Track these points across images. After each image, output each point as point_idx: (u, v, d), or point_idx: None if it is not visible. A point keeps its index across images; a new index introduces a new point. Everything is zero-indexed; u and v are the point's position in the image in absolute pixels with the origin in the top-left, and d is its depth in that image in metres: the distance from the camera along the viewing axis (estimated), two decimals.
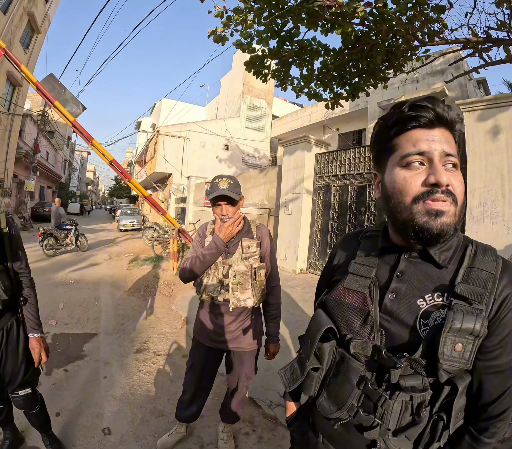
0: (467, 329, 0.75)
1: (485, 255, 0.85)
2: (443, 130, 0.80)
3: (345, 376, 0.89)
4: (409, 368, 0.81)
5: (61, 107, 6.84)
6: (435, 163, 0.77)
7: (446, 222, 0.76)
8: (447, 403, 0.80)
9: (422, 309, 0.84)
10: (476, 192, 3.93)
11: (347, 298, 0.94)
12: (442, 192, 0.76)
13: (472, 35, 4.19)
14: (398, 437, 0.83)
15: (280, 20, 4.36)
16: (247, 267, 2.06)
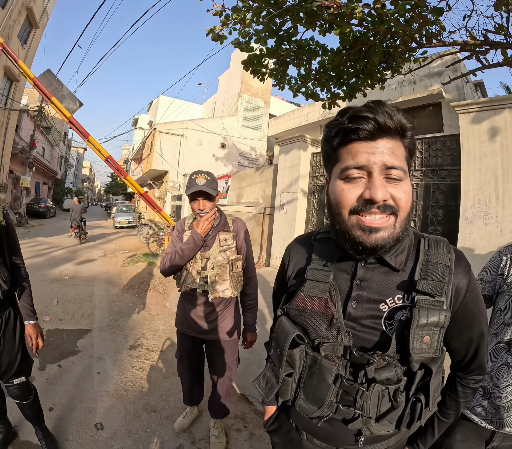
0: (432, 322, 0.79)
1: (438, 247, 0.88)
2: (387, 141, 0.78)
3: (319, 377, 0.90)
4: (381, 361, 0.85)
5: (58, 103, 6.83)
6: (373, 178, 0.77)
7: (382, 237, 0.78)
8: (423, 384, 0.86)
9: (385, 313, 0.87)
10: (470, 194, 3.95)
11: (308, 304, 0.95)
12: (378, 208, 0.77)
13: (470, 38, 4.20)
14: (380, 422, 0.88)
15: (278, 20, 4.36)
16: (225, 259, 2.14)
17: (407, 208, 0.79)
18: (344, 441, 0.96)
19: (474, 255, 3.84)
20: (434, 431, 1.05)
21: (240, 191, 9.93)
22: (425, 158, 4.76)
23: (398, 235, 0.80)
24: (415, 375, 0.84)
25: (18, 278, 2.06)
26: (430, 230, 4.62)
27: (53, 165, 32.50)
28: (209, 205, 2.13)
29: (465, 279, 0.86)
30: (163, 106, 25.27)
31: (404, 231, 0.82)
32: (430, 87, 9.47)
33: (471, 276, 0.88)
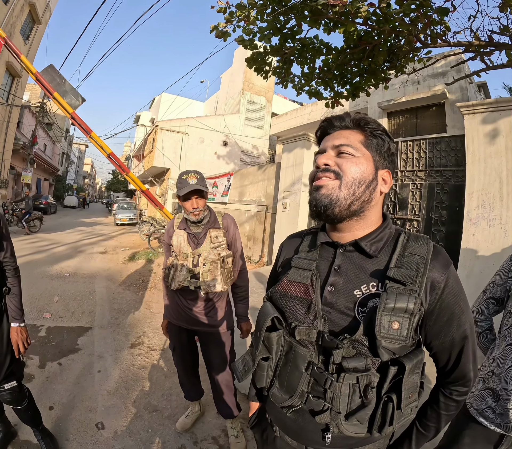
0: (400, 307, 0.81)
1: (417, 241, 0.92)
2: (339, 131, 0.96)
3: (293, 363, 0.93)
4: (351, 348, 0.86)
5: (60, 98, 6.79)
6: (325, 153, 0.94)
7: (324, 194, 0.89)
8: (397, 383, 0.85)
9: (359, 298, 0.90)
10: (474, 195, 3.94)
11: (290, 289, 1.00)
12: (321, 171, 0.91)
13: (474, 39, 4.18)
14: (350, 420, 0.87)
15: (282, 17, 4.35)
16: (216, 255, 2.20)
17: (351, 174, 0.88)
18: (312, 438, 0.96)
19: (477, 256, 3.83)
20: (411, 443, 1.03)
21: (242, 189, 9.91)
22: (429, 159, 4.74)
23: (347, 199, 0.88)
24: (388, 371, 0.84)
25: (9, 277, 1.99)
26: (433, 230, 4.61)
27: (54, 162, 32.50)
28: (202, 203, 2.18)
29: (443, 274, 0.88)
30: (165, 104, 25.23)
31: (357, 198, 0.89)
32: (434, 88, 9.44)
33: (450, 272, 0.89)
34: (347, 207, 0.89)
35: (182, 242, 2.23)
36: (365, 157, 0.91)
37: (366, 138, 0.93)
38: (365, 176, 0.90)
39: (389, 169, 0.96)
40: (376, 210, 0.96)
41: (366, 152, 0.92)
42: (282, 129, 16.49)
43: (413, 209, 4.89)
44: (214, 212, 2.36)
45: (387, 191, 0.97)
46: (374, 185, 0.92)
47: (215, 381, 2.39)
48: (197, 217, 2.19)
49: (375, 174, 0.92)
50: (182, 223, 2.30)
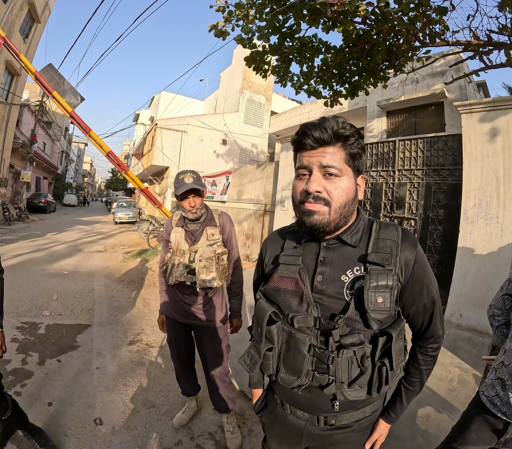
0: (382, 285, 0.96)
1: (388, 227, 1.07)
2: (324, 148, 0.98)
3: (295, 349, 1.05)
4: (345, 327, 1.00)
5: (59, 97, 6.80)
6: (313, 175, 0.99)
7: (317, 219, 0.98)
8: (386, 350, 1.01)
9: (346, 283, 1.03)
10: (471, 194, 3.95)
11: (282, 284, 1.11)
12: (313, 198, 0.98)
13: (473, 38, 4.18)
14: (352, 387, 1.02)
15: (281, 16, 4.35)
16: (212, 252, 2.26)
17: (339, 200, 0.98)
18: (322, 408, 1.10)
19: (474, 255, 3.85)
20: (402, 399, 1.20)
21: (241, 188, 9.93)
22: (426, 158, 4.76)
23: (335, 220, 0.99)
24: (378, 341, 0.99)
25: None
26: (431, 229, 4.63)
27: (53, 160, 32.44)
28: (199, 202, 2.24)
29: (412, 252, 1.03)
30: (164, 102, 25.20)
31: (343, 217, 1.01)
32: (433, 87, 9.44)
33: (418, 250, 1.05)
34: (336, 225, 1.01)
35: (179, 239, 2.28)
36: (348, 175, 1.00)
37: (346, 154, 1.00)
38: (349, 196, 1.01)
39: (362, 174, 1.07)
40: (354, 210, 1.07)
41: (349, 169, 1.00)
42: (282, 128, 16.46)
43: (410, 208, 4.90)
44: (211, 210, 2.40)
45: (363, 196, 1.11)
46: (356, 199, 1.04)
47: (210, 375, 2.43)
48: (194, 215, 2.23)
49: (355, 188, 1.03)
50: (180, 221, 2.35)
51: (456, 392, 2.87)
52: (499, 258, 3.70)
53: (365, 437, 1.20)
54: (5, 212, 14.68)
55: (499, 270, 3.68)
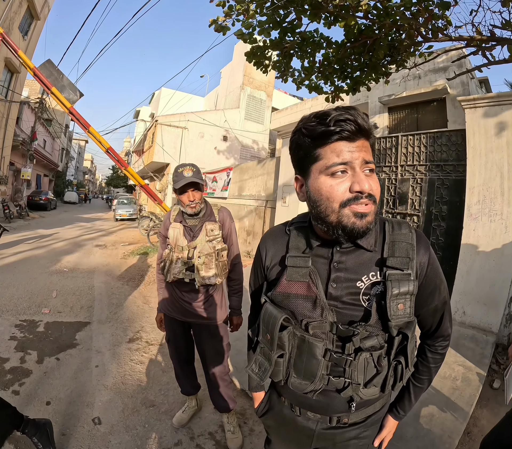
0: (404, 292, 0.93)
1: (401, 228, 1.02)
2: (363, 141, 0.89)
3: (309, 353, 1.00)
4: (364, 331, 0.97)
5: (58, 93, 6.77)
6: (357, 172, 0.87)
7: (370, 221, 0.90)
8: (402, 348, 1.00)
9: (362, 289, 0.99)
10: (475, 190, 3.91)
11: (292, 289, 1.04)
12: (366, 197, 0.88)
13: (476, 33, 4.14)
14: (368, 387, 1.00)
15: (282, 11, 4.30)
16: (211, 248, 2.22)
17: (379, 196, 0.93)
18: (337, 409, 1.07)
19: (478, 252, 3.81)
20: (411, 396, 1.19)
21: (242, 184, 9.88)
22: (430, 153, 4.71)
23: (376, 219, 0.94)
24: (394, 341, 0.97)
25: None
26: (434, 225, 4.59)
27: (54, 158, 32.41)
28: (198, 196, 2.19)
29: (426, 255, 1.00)
30: (164, 98, 25.13)
31: (377, 214, 0.96)
32: (435, 83, 9.38)
33: (431, 252, 1.02)
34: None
35: (178, 235, 2.24)
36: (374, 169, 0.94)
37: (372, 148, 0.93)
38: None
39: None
40: None
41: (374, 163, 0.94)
42: (283, 124, 16.42)
43: (413, 204, 4.86)
44: (210, 205, 2.36)
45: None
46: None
47: (209, 373, 2.40)
48: (193, 210, 2.19)
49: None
50: (178, 216, 2.30)
51: (460, 391, 2.84)
52: (503, 255, 3.66)
53: (376, 431, 1.20)
54: (5, 210, 14.67)
55: (503, 267, 3.65)
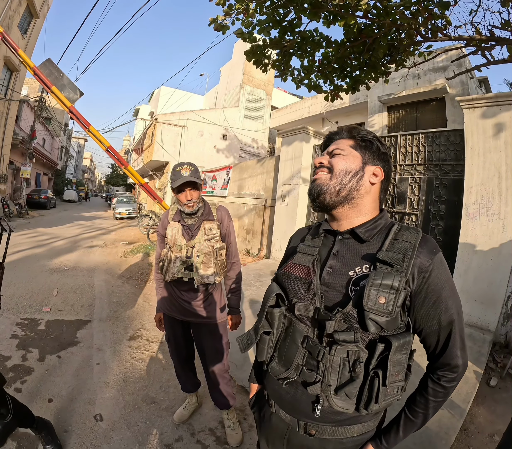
0: (386, 284, 0.91)
1: (408, 230, 1.03)
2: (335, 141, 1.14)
3: (291, 338, 1.05)
4: (343, 322, 0.96)
5: (58, 92, 6.78)
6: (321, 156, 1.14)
7: (317, 183, 1.08)
8: (385, 360, 0.93)
9: (353, 278, 1.01)
10: (473, 189, 3.93)
11: (294, 270, 1.14)
12: (317, 168, 1.12)
13: (475, 33, 4.16)
14: (339, 394, 0.96)
15: (282, 10, 4.32)
16: (209, 247, 2.24)
17: (338, 166, 1.06)
18: (303, 409, 1.05)
19: (475, 251, 3.84)
20: (399, 429, 1.05)
21: (241, 182, 9.89)
22: (428, 153, 4.73)
23: (334, 185, 1.05)
24: (376, 347, 0.93)
25: None
26: (432, 224, 4.60)
27: (53, 156, 32.36)
28: (196, 195, 2.19)
29: (430, 259, 0.96)
30: (164, 97, 25.12)
31: (342, 185, 1.05)
32: (434, 82, 9.40)
33: (437, 258, 0.97)
34: (336, 193, 1.05)
35: (176, 234, 2.24)
36: (352, 155, 1.08)
37: (355, 142, 1.10)
38: (352, 167, 1.06)
39: (380, 166, 1.09)
40: (368, 199, 1.09)
41: (354, 151, 1.09)
42: (282, 122, 16.43)
43: (411, 203, 4.87)
44: (208, 204, 2.36)
45: (376, 182, 1.09)
46: (361, 175, 1.06)
47: (209, 372, 2.41)
48: (191, 209, 2.19)
49: (361, 167, 1.07)
50: (176, 215, 2.30)
51: (457, 389, 2.85)
52: (500, 254, 3.68)
53: None
54: (5, 209, 14.67)
55: (500, 266, 3.67)
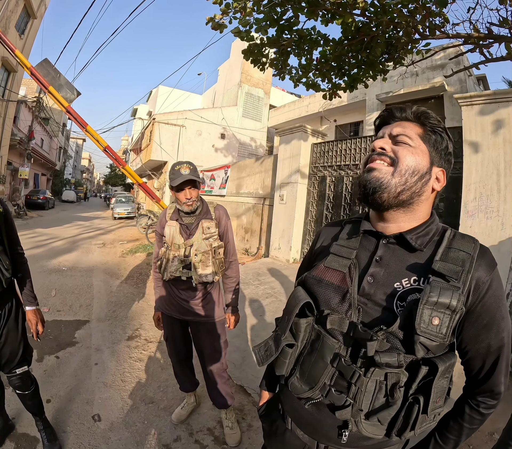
0: (443, 303, 0.77)
1: (464, 238, 0.89)
2: (399, 122, 0.94)
3: (319, 353, 0.90)
4: (385, 341, 0.82)
5: (55, 92, 6.75)
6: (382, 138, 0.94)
7: (376, 176, 0.88)
8: (427, 385, 0.81)
9: (399, 292, 0.86)
10: (472, 187, 3.93)
11: (326, 276, 0.98)
12: (377, 154, 0.91)
13: (473, 31, 4.15)
14: (370, 420, 0.84)
15: (279, 9, 4.31)
16: (208, 246, 2.23)
17: (406, 162, 0.87)
18: (327, 433, 0.93)
19: None
20: None
21: (240, 181, 9.89)
22: None
23: (397, 184, 0.87)
24: (419, 370, 0.80)
25: (19, 264, 2.05)
26: None
27: (51, 157, 32.30)
28: (195, 193, 2.18)
29: (488, 274, 0.84)
30: (162, 96, 25.08)
31: (405, 186, 0.87)
32: (433, 80, 9.40)
33: (495, 274, 0.86)
34: (396, 195, 0.87)
35: (174, 233, 2.24)
36: (421, 149, 0.90)
37: (424, 132, 0.91)
38: (420, 167, 0.88)
39: (444, 169, 0.93)
40: (426, 206, 0.94)
41: (423, 145, 0.90)
42: (280, 121, 16.43)
43: None
44: (206, 203, 2.36)
45: (439, 190, 0.94)
46: (427, 178, 0.90)
47: (207, 371, 2.41)
48: (190, 208, 2.18)
49: (429, 168, 0.90)
50: (174, 214, 2.30)
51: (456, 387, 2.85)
52: (499, 251, 3.68)
53: None
54: None
55: (499, 263, 3.63)
